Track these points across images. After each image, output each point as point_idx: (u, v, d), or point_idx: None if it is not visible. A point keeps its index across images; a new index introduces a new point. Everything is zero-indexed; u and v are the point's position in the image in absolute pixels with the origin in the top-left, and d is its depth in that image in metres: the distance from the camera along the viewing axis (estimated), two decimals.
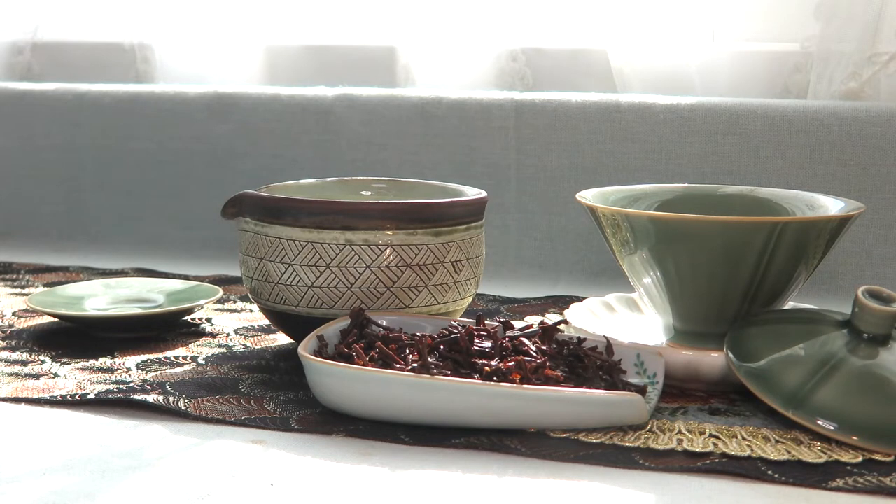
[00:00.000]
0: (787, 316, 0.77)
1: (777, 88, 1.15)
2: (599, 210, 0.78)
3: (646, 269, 0.77)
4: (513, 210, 1.13)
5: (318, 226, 0.78)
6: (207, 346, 0.85)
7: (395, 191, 0.91)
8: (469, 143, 1.14)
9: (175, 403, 0.72)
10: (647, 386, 0.73)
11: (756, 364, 0.70)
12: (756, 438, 0.66)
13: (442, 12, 1.23)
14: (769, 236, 0.73)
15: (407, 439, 0.67)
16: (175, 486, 0.60)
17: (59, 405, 0.73)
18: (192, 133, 1.23)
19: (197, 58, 1.33)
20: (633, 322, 0.85)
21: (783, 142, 1.05)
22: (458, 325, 0.75)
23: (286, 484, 0.61)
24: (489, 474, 0.63)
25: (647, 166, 1.09)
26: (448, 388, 0.66)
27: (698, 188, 0.88)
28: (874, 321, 0.70)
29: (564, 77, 1.22)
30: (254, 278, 0.81)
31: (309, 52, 1.31)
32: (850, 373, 0.69)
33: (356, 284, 0.78)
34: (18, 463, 0.63)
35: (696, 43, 1.16)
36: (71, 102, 1.28)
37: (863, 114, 1.03)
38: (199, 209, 1.21)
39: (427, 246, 0.78)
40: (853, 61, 1.07)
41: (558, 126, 1.11)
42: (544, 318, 0.91)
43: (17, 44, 1.42)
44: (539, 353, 0.71)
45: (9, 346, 0.85)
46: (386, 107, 1.17)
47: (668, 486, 0.61)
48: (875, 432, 0.65)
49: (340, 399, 0.69)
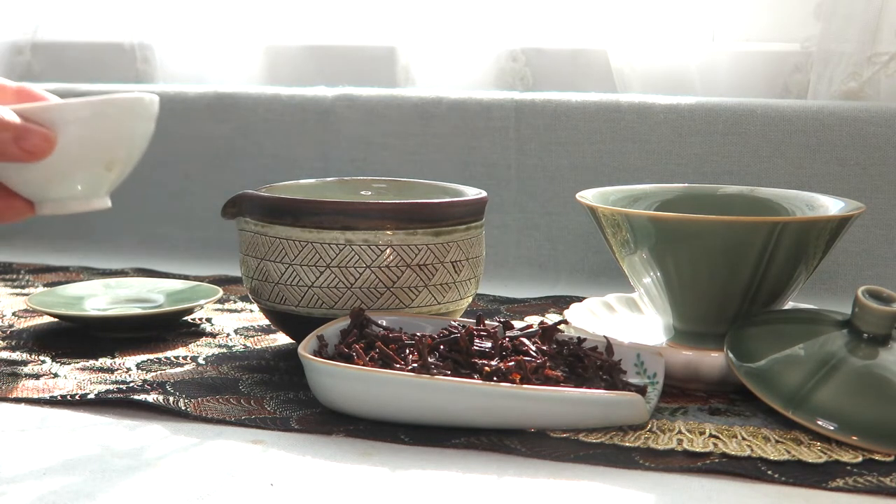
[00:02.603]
0: (787, 316, 0.77)
1: (777, 88, 1.15)
2: (599, 210, 0.78)
3: (646, 269, 0.77)
4: (513, 210, 1.13)
5: (318, 226, 0.78)
6: (207, 346, 0.85)
7: (395, 191, 0.91)
8: (469, 143, 1.14)
9: (175, 403, 0.72)
10: (647, 386, 0.73)
11: (756, 364, 0.70)
12: (756, 438, 0.66)
13: (442, 12, 1.23)
14: (769, 236, 0.73)
15: (407, 439, 0.67)
16: (175, 486, 0.60)
17: (59, 405, 0.73)
18: (192, 133, 1.23)
19: (197, 58, 1.33)
20: (633, 322, 0.85)
21: (783, 142, 1.05)
22: (458, 325, 0.75)
23: (286, 484, 0.61)
24: (489, 474, 0.63)
25: (647, 166, 1.09)
26: (448, 388, 0.66)
27: (698, 188, 0.88)
28: (874, 321, 0.70)
29: (564, 77, 1.22)
30: (254, 278, 0.81)
31: (309, 52, 1.31)
32: (850, 373, 0.69)
33: (356, 284, 0.78)
34: (18, 463, 0.63)
35: (696, 43, 1.16)
36: None
37: (863, 114, 1.03)
38: (199, 209, 1.21)
39: (427, 246, 0.78)
40: (853, 61, 1.07)
41: (558, 126, 1.11)
42: (544, 318, 0.91)
43: (17, 44, 1.42)
44: (539, 353, 0.71)
45: (9, 346, 0.85)
46: (386, 107, 1.17)
47: (668, 486, 0.61)
48: (875, 432, 0.65)
49: (340, 399, 0.69)
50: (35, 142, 0.75)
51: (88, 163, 0.79)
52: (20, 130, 0.75)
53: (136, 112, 0.81)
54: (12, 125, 0.74)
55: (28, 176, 0.78)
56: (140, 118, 0.81)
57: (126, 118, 0.80)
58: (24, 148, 0.75)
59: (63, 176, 0.78)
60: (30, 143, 0.75)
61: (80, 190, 0.80)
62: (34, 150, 0.75)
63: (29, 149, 0.75)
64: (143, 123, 0.81)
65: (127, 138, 0.80)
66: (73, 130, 0.77)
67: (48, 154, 0.75)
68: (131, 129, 0.81)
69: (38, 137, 0.75)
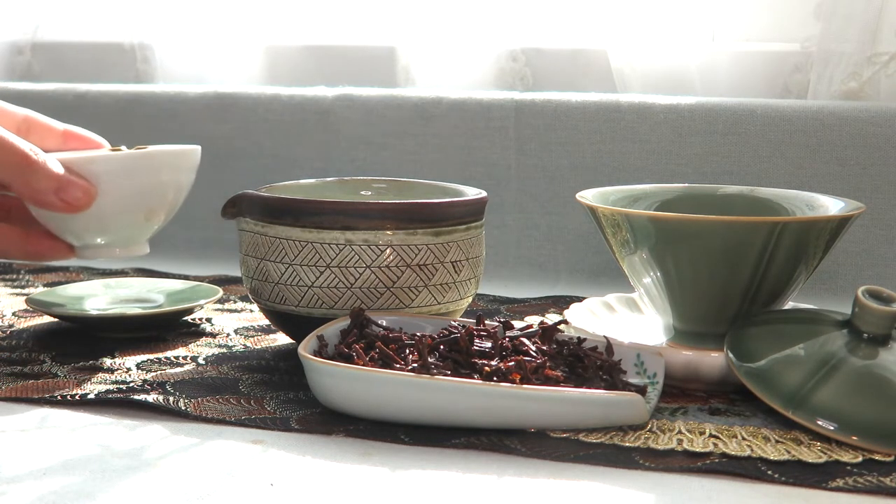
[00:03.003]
0: (787, 316, 0.77)
1: (777, 88, 1.15)
2: (599, 210, 0.78)
3: (646, 269, 0.77)
4: (513, 210, 1.13)
5: (318, 226, 0.78)
6: (207, 346, 0.85)
7: (395, 191, 0.91)
8: (469, 143, 1.14)
9: (175, 403, 0.72)
10: (647, 386, 0.73)
11: (756, 364, 0.70)
12: (756, 438, 0.66)
13: (442, 12, 1.23)
14: (769, 236, 0.73)
15: (407, 439, 0.67)
16: (175, 486, 0.60)
17: (59, 405, 0.73)
18: (192, 133, 1.23)
19: (197, 58, 1.33)
20: (633, 322, 0.85)
21: (783, 142, 1.05)
22: (458, 325, 0.75)
23: (286, 484, 0.61)
24: (489, 474, 0.63)
25: (647, 166, 1.09)
26: (448, 388, 0.66)
27: (698, 188, 0.88)
28: (874, 321, 0.70)
29: (564, 77, 1.22)
30: (254, 278, 0.81)
31: (309, 52, 1.31)
32: (850, 373, 0.69)
33: (356, 284, 0.78)
34: (18, 463, 0.64)
35: (696, 43, 1.16)
36: (71, 102, 1.28)
37: (863, 114, 1.03)
38: (199, 209, 1.21)
39: (427, 246, 0.78)
40: (853, 61, 1.07)
41: (558, 126, 1.11)
42: (544, 318, 0.91)
43: (17, 44, 1.43)
44: (539, 353, 0.71)
45: (9, 346, 0.85)
46: (386, 107, 1.17)
47: (668, 486, 0.61)
48: (875, 432, 0.65)
49: (340, 399, 0.69)
50: (76, 195, 0.76)
51: (128, 213, 0.80)
52: (62, 182, 0.76)
53: (178, 164, 0.82)
54: (55, 176, 0.76)
55: (69, 223, 0.79)
56: (181, 170, 0.82)
57: (168, 171, 0.81)
58: (64, 199, 0.76)
59: (102, 225, 0.79)
60: (70, 195, 0.76)
61: (119, 238, 0.81)
62: (74, 202, 0.76)
63: (69, 201, 0.76)
64: (185, 175, 0.82)
65: (168, 190, 0.81)
66: (115, 182, 0.78)
67: (87, 207, 0.77)
68: (173, 181, 0.82)
69: (79, 190, 0.76)
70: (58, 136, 0.86)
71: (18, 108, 0.86)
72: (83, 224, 0.79)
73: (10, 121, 0.85)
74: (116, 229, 0.80)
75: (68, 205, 0.76)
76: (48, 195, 0.75)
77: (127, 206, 0.79)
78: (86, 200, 0.76)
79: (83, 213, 0.77)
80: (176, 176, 0.81)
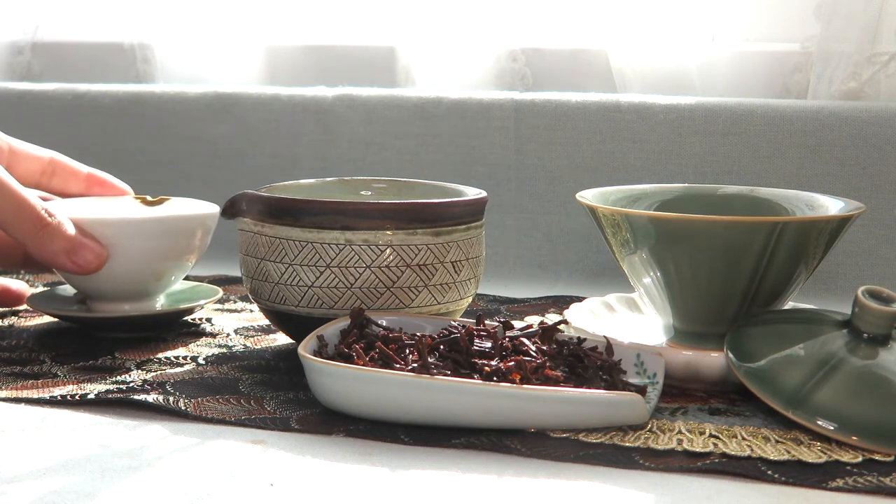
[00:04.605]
0: (787, 316, 0.77)
1: (777, 88, 1.15)
2: (599, 210, 0.78)
3: (646, 269, 0.77)
4: (513, 210, 1.13)
5: (318, 226, 0.78)
6: (207, 346, 0.85)
7: (395, 191, 0.91)
8: (469, 143, 1.14)
9: (175, 403, 0.72)
10: (647, 386, 0.73)
11: (756, 364, 0.70)
12: (756, 438, 0.66)
13: (442, 12, 1.23)
14: (769, 236, 0.73)
15: (407, 439, 0.67)
16: (175, 486, 0.60)
17: (59, 405, 0.73)
18: (192, 133, 1.23)
19: (197, 58, 1.33)
20: (633, 322, 0.85)
21: (783, 142, 1.05)
22: (458, 325, 0.75)
23: (286, 484, 0.61)
24: (489, 474, 0.63)
25: (647, 166, 1.09)
26: (448, 388, 0.66)
27: (698, 188, 0.88)
28: (874, 321, 0.70)
29: (564, 77, 1.22)
30: (254, 278, 0.81)
31: (309, 52, 1.31)
32: (850, 373, 0.69)
33: (356, 284, 0.78)
34: (18, 463, 0.63)
35: (696, 43, 1.16)
36: (71, 102, 1.28)
37: (863, 114, 1.03)
38: None
39: (427, 246, 0.78)
40: (853, 61, 1.07)
41: (558, 126, 1.12)
42: (544, 318, 0.91)
43: (17, 44, 1.42)
44: (539, 353, 0.71)
45: (9, 346, 0.85)
46: (386, 107, 1.17)
47: (668, 486, 0.61)
48: (875, 432, 0.65)
49: (340, 399, 0.69)
50: (87, 258, 0.77)
51: (139, 275, 0.81)
52: (74, 244, 0.77)
53: (194, 229, 0.82)
54: (68, 237, 0.76)
55: (78, 280, 0.80)
56: (196, 235, 0.82)
57: (182, 235, 0.82)
58: (75, 262, 0.77)
59: (113, 285, 0.80)
60: (81, 258, 0.77)
61: (128, 296, 0.82)
62: (85, 265, 0.77)
63: (80, 263, 0.77)
64: (200, 238, 0.83)
65: (182, 253, 0.82)
66: (128, 245, 0.79)
67: (98, 270, 0.78)
68: (187, 246, 0.82)
69: (91, 254, 0.77)
70: (81, 180, 0.86)
71: (44, 151, 0.87)
72: (93, 283, 0.80)
73: (37, 164, 0.86)
74: (125, 289, 0.82)
75: (79, 267, 0.77)
76: (60, 256, 0.77)
77: (139, 269, 0.81)
78: (97, 264, 0.77)
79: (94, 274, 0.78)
80: (190, 241, 0.82)
